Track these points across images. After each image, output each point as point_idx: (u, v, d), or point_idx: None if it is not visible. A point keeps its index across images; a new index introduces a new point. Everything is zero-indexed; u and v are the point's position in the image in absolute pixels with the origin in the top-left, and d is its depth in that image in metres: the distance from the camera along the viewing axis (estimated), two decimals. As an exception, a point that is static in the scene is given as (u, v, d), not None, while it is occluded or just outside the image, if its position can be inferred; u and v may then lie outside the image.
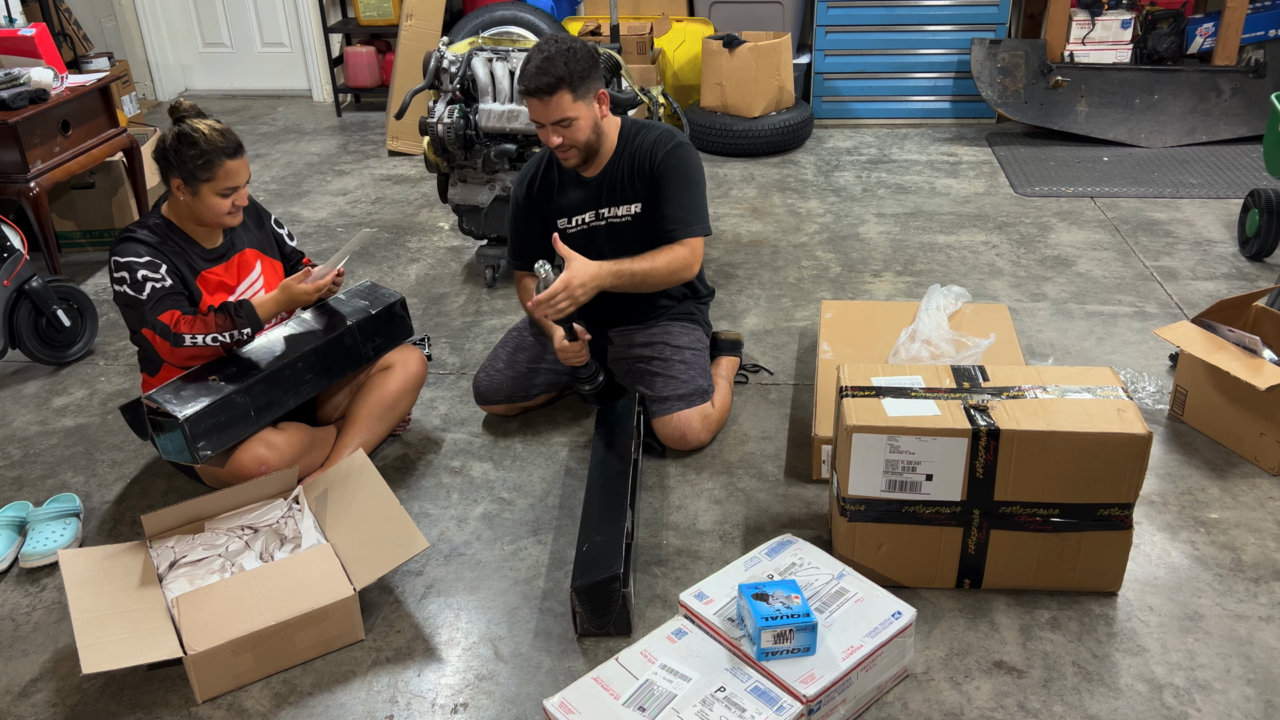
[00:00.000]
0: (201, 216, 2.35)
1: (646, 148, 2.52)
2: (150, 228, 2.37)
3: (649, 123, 2.59)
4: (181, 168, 2.27)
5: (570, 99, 2.37)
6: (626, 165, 2.53)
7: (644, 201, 2.54)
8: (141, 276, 2.27)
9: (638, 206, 2.54)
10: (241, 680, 1.93)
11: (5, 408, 2.96)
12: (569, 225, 2.61)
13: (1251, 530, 2.26)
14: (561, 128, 2.40)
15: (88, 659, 1.82)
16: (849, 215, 4.12)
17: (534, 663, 1.97)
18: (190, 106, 2.34)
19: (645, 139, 2.53)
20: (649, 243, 2.52)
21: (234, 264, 2.46)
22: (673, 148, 2.51)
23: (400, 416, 2.65)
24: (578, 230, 2.61)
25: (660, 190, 2.50)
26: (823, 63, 5.19)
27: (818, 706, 1.71)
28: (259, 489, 2.28)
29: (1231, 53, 4.73)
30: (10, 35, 3.78)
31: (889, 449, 1.97)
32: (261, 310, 2.37)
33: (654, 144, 2.52)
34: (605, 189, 2.56)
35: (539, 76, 2.34)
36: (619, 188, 2.55)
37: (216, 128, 2.29)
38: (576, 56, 2.37)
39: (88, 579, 2.03)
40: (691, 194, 2.51)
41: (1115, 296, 3.35)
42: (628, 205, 2.55)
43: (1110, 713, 1.82)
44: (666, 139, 2.52)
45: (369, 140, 5.32)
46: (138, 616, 1.96)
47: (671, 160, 2.50)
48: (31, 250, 3.50)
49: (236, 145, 2.31)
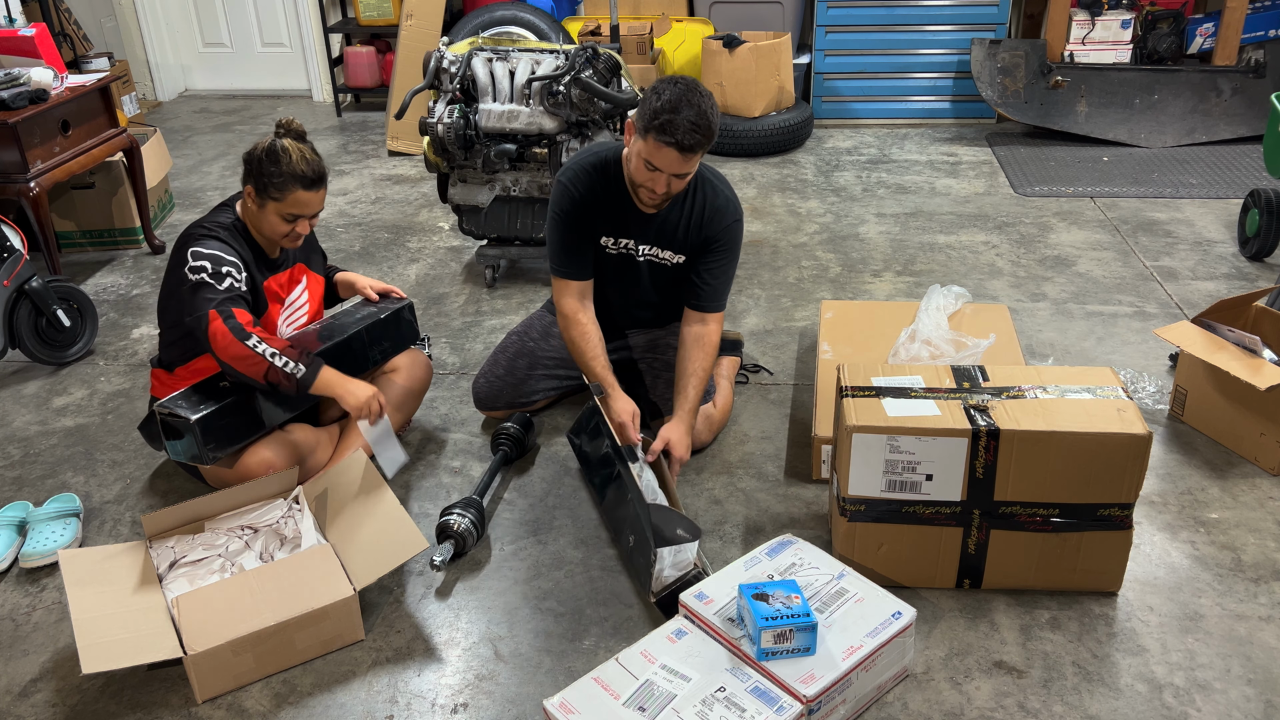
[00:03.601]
0: (260, 228, 2.36)
1: (711, 213, 2.44)
2: (228, 228, 2.35)
3: (712, 178, 2.49)
4: (259, 178, 2.27)
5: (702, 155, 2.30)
6: (686, 217, 2.46)
7: (689, 257, 2.50)
8: (225, 270, 2.26)
9: (682, 258, 2.51)
10: (241, 680, 1.93)
11: (5, 408, 2.96)
12: (611, 246, 2.52)
13: (1251, 530, 2.26)
14: (678, 179, 2.30)
15: (88, 659, 1.82)
16: (849, 215, 4.12)
17: (534, 663, 1.97)
18: (298, 127, 2.34)
19: (713, 201, 2.45)
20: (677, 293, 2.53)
21: (286, 276, 2.48)
22: (733, 223, 2.47)
23: (406, 420, 2.65)
24: (617, 253, 2.53)
25: (709, 260, 2.47)
26: (823, 63, 5.19)
27: (818, 706, 1.71)
28: (259, 489, 2.28)
29: (1231, 53, 4.73)
30: (10, 35, 3.78)
31: (889, 449, 1.97)
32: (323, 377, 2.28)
33: (719, 212, 2.45)
34: (657, 230, 2.48)
35: (694, 134, 2.19)
36: (671, 234, 2.48)
37: (308, 156, 2.29)
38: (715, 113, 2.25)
39: (87, 579, 2.03)
40: (731, 271, 2.52)
41: (1115, 296, 3.35)
42: (674, 254, 2.50)
43: (1110, 713, 1.82)
44: (733, 212, 2.47)
45: (369, 140, 5.32)
46: (138, 616, 1.96)
47: (731, 235, 2.47)
48: (31, 250, 3.50)
49: (317, 178, 2.29)
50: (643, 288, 2.58)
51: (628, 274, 2.56)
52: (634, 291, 2.60)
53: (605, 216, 2.47)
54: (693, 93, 2.21)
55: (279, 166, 2.25)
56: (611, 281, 2.58)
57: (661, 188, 2.29)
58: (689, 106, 2.19)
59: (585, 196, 2.44)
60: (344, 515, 2.21)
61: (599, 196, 2.44)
